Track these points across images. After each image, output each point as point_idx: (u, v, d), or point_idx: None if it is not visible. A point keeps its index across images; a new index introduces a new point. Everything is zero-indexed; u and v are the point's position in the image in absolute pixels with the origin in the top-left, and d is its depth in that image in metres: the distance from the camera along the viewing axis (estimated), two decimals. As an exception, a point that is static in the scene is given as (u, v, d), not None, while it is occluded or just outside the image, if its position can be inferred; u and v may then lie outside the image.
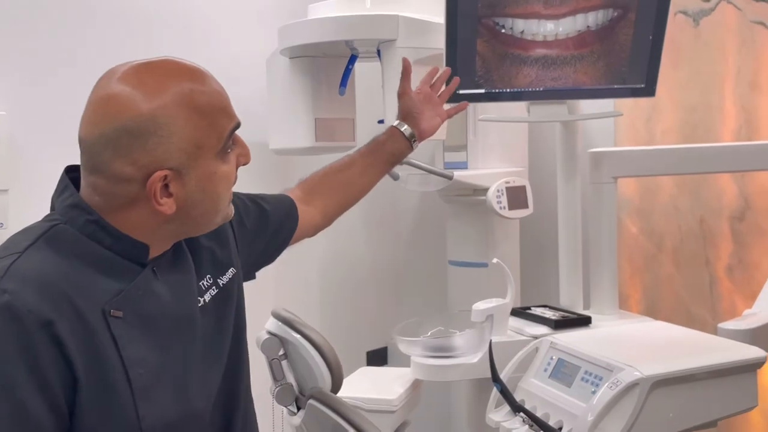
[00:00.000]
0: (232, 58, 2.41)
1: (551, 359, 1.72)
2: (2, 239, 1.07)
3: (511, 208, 2.23)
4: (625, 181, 2.36)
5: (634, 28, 1.94)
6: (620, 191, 2.28)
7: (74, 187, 1.04)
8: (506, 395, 1.66)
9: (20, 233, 1.03)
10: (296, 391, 1.50)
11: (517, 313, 2.07)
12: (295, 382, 1.50)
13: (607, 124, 2.45)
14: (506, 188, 2.23)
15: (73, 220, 1.01)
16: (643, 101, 2.34)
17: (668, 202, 2.37)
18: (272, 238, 1.39)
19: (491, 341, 1.78)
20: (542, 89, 1.98)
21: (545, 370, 1.71)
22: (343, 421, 1.39)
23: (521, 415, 1.62)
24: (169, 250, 1.10)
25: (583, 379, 1.61)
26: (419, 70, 1.65)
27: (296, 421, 1.50)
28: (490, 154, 2.37)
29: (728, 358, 1.62)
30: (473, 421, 2.23)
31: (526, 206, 2.26)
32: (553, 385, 1.66)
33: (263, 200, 1.38)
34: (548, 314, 2.04)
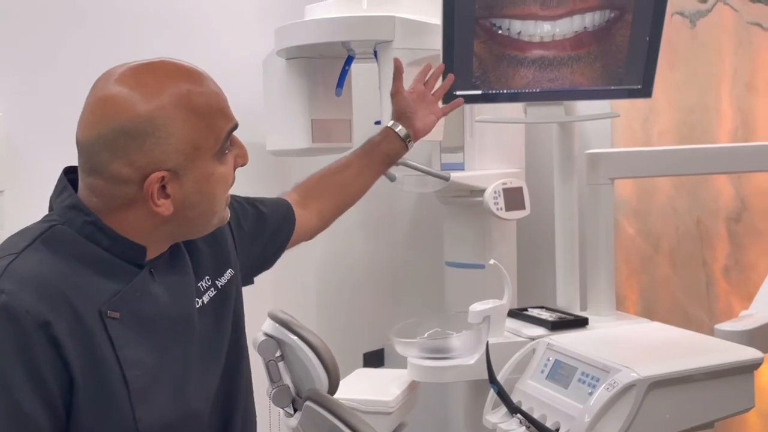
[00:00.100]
0: (228, 59, 2.41)
1: (548, 360, 1.72)
2: (-1, 240, 1.07)
3: (508, 209, 2.23)
4: (622, 182, 2.37)
5: (630, 29, 1.94)
6: (617, 192, 2.28)
7: (72, 188, 1.04)
8: (503, 397, 1.66)
9: (18, 234, 1.03)
10: (293, 392, 1.50)
11: (514, 314, 2.07)
12: (291, 383, 1.50)
13: (604, 125, 2.45)
14: (503, 189, 2.23)
15: (71, 221, 1.01)
16: (639, 102, 2.34)
17: (665, 203, 2.37)
18: (270, 240, 1.39)
19: (488, 343, 1.78)
20: (539, 90, 1.98)
21: (542, 371, 1.71)
22: (339, 422, 1.38)
23: (518, 416, 1.62)
24: (166, 251, 1.10)
25: (580, 380, 1.61)
26: (416, 71, 1.65)
27: (293, 422, 1.50)
28: (486, 155, 2.37)
29: (725, 359, 1.62)
30: (470, 422, 2.23)
31: (523, 207, 2.26)
32: (550, 386, 1.66)
33: (261, 203, 1.38)
34: (545, 315, 2.04)
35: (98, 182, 1.00)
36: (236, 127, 1.07)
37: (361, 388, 2.14)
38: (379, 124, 2.09)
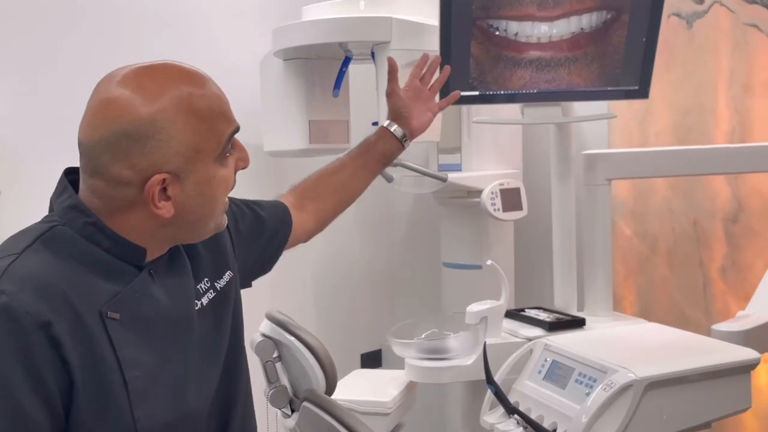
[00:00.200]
0: (226, 60, 2.41)
1: (545, 361, 1.72)
2: (-5, 241, 1.07)
3: (505, 210, 2.23)
4: (618, 183, 2.37)
5: (627, 30, 1.95)
6: (614, 193, 2.28)
7: (73, 189, 1.04)
8: (500, 397, 1.66)
9: (18, 234, 1.03)
10: (290, 393, 1.50)
11: (511, 315, 2.07)
12: (289, 384, 1.50)
13: (600, 126, 2.46)
14: (500, 190, 2.23)
15: (71, 221, 1.01)
16: (636, 103, 2.34)
17: (662, 204, 2.37)
18: (268, 243, 1.39)
19: (485, 343, 1.78)
20: (536, 91, 1.98)
21: (539, 372, 1.71)
22: (337, 423, 1.38)
23: (515, 417, 1.62)
24: (165, 253, 1.10)
25: (577, 380, 1.61)
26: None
27: (290, 423, 1.50)
28: (484, 156, 2.37)
29: (722, 359, 1.62)
30: (467, 423, 2.23)
31: (520, 208, 2.27)
32: (547, 386, 1.67)
33: (258, 206, 1.39)
34: (542, 316, 2.04)
35: (99, 184, 1.01)
36: (238, 130, 1.07)
37: (358, 388, 2.14)
38: (376, 125, 2.09)
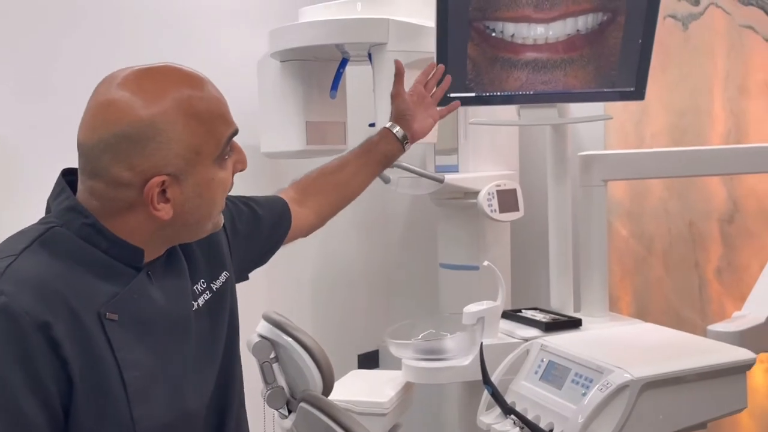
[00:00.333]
0: (223, 61, 2.41)
1: (542, 361, 1.73)
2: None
3: (501, 211, 2.24)
4: (615, 184, 2.37)
5: (623, 31, 1.95)
6: (610, 194, 2.28)
7: (71, 190, 1.04)
8: (497, 398, 1.66)
9: (16, 235, 1.03)
10: (287, 394, 1.50)
11: (507, 315, 2.07)
12: (286, 385, 1.50)
13: (597, 127, 2.46)
14: (497, 191, 2.23)
15: (69, 223, 1.01)
16: (632, 105, 2.35)
17: (658, 205, 2.38)
18: (265, 240, 1.39)
19: (482, 344, 1.78)
20: (532, 92, 1.99)
21: (536, 372, 1.72)
22: (334, 424, 1.39)
23: (512, 417, 1.62)
24: (163, 254, 1.10)
25: (573, 381, 1.61)
26: (410, 73, 1.66)
27: (287, 424, 1.50)
28: (480, 157, 2.38)
29: (718, 360, 1.62)
30: (464, 423, 2.23)
31: (516, 209, 2.27)
32: (543, 387, 1.67)
33: (256, 203, 1.39)
34: (539, 317, 2.04)
35: (98, 185, 1.01)
36: (236, 132, 1.08)
37: (355, 389, 2.15)
38: (373, 126, 2.09)
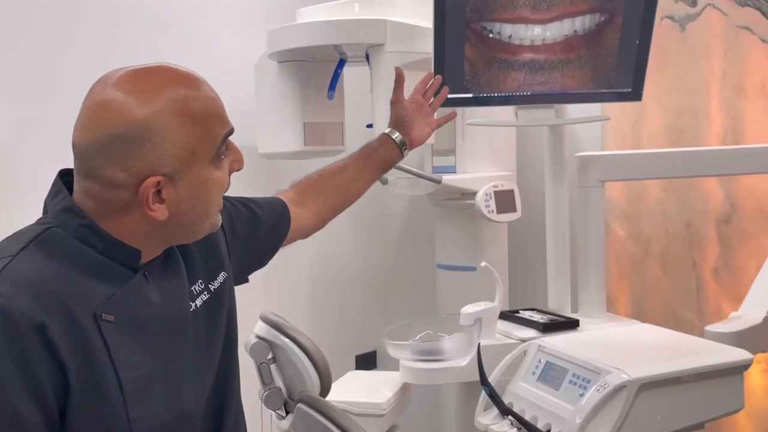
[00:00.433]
0: (220, 62, 2.41)
1: (539, 362, 1.73)
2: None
3: (499, 211, 2.24)
4: (612, 185, 2.38)
5: (620, 32, 1.95)
6: (607, 195, 2.29)
7: (68, 190, 1.04)
8: (495, 398, 1.66)
9: (12, 236, 1.03)
10: (285, 395, 1.50)
11: (505, 316, 2.08)
12: (283, 386, 1.50)
13: (594, 128, 2.47)
14: (494, 192, 2.24)
15: (65, 224, 1.01)
16: (629, 105, 2.35)
17: (655, 205, 2.38)
18: (264, 242, 1.39)
19: (480, 344, 1.78)
20: (530, 93, 1.99)
21: (533, 373, 1.72)
22: (331, 424, 1.39)
23: (509, 418, 1.62)
24: (160, 255, 1.10)
25: (571, 381, 1.61)
26: (408, 74, 1.66)
27: (285, 425, 1.50)
28: (478, 158, 2.38)
29: (715, 360, 1.62)
30: (462, 424, 2.23)
31: (514, 210, 2.27)
32: (541, 388, 1.67)
33: (255, 204, 1.39)
34: (536, 317, 2.04)
35: (93, 186, 1.01)
36: (232, 132, 1.08)
37: (353, 390, 2.14)
38: (371, 127, 2.09)
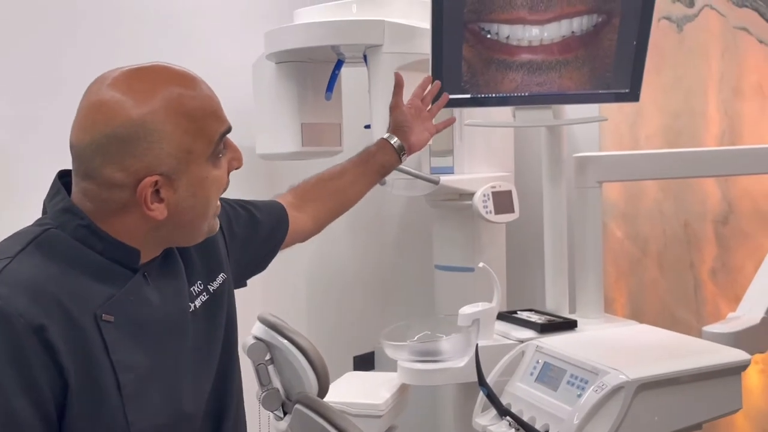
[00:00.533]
0: (218, 62, 2.40)
1: (537, 363, 1.73)
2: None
3: (497, 212, 2.24)
4: (609, 185, 2.38)
5: (618, 33, 1.95)
6: (605, 196, 2.29)
7: (66, 191, 1.04)
8: (492, 399, 1.66)
9: (11, 237, 1.03)
10: (283, 396, 1.50)
11: (503, 317, 2.08)
12: (281, 387, 1.50)
13: (592, 129, 2.47)
14: (492, 193, 2.24)
15: (64, 224, 1.01)
16: (627, 106, 2.35)
17: (653, 206, 2.38)
18: (262, 244, 1.39)
19: (478, 345, 1.78)
20: (527, 94, 1.99)
21: (531, 373, 1.72)
22: (329, 425, 1.39)
23: (507, 419, 1.62)
24: (159, 255, 1.10)
25: (568, 382, 1.61)
26: (405, 75, 1.66)
27: (283, 426, 1.50)
28: (476, 158, 2.38)
29: (713, 361, 1.63)
30: (460, 425, 2.23)
31: (512, 211, 2.27)
32: (539, 388, 1.67)
33: (254, 206, 1.39)
34: (534, 318, 2.04)
35: (91, 187, 1.00)
36: (229, 130, 1.07)
37: (351, 391, 2.14)
38: (368, 128, 2.09)
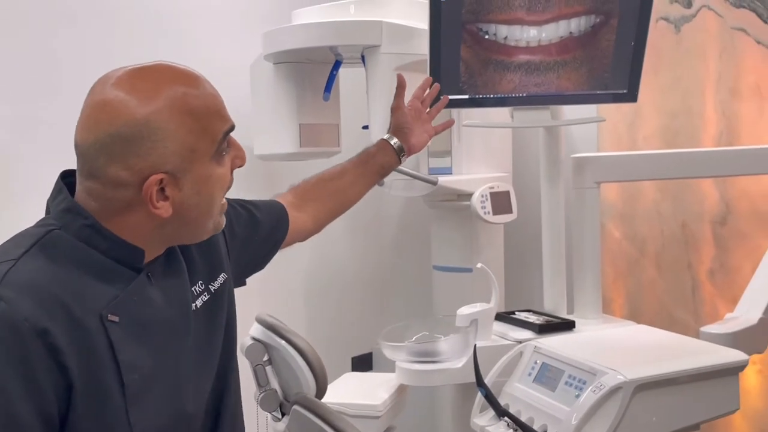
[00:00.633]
0: (216, 63, 2.39)
1: (535, 363, 1.73)
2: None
3: (495, 213, 2.24)
4: (607, 186, 2.38)
5: (616, 34, 1.96)
6: (603, 196, 2.29)
7: (69, 191, 1.04)
8: (491, 400, 1.66)
9: (15, 239, 1.02)
10: (281, 396, 1.50)
11: (501, 317, 2.08)
12: (279, 387, 1.50)
13: (590, 129, 2.47)
14: (490, 193, 2.24)
15: (68, 224, 1.01)
16: (625, 107, 2.35)
17: (651, 207, 2.38)
18: (262, 244, 1.40)
19: (476, 346, 1.78)
20: (525, 95, 1.99)
21: (529, 374, 1.72)
22: (327, 426, 1.38)
23: (506, 419, 1.62)
24: (162, 255, 1.10)
25: (566, 383, 1.61)
26: (404, 75, 1.67)
27: (281, 427, 1.50)
28: (474, 159, 2.38)
29: (711, 361, 1.63)
30: (458, 425, 2.23)
31: (510, 211, 2.27)
32: (537, 389, 1.67)
33: (254, 206, 1.39)
34: (532, 319, 2.04)
35: (96, 186, 1.01)
36: (233, 128, 1.08)
37: (349, 392, 2.14)
38: (367, 128, 2.09)
